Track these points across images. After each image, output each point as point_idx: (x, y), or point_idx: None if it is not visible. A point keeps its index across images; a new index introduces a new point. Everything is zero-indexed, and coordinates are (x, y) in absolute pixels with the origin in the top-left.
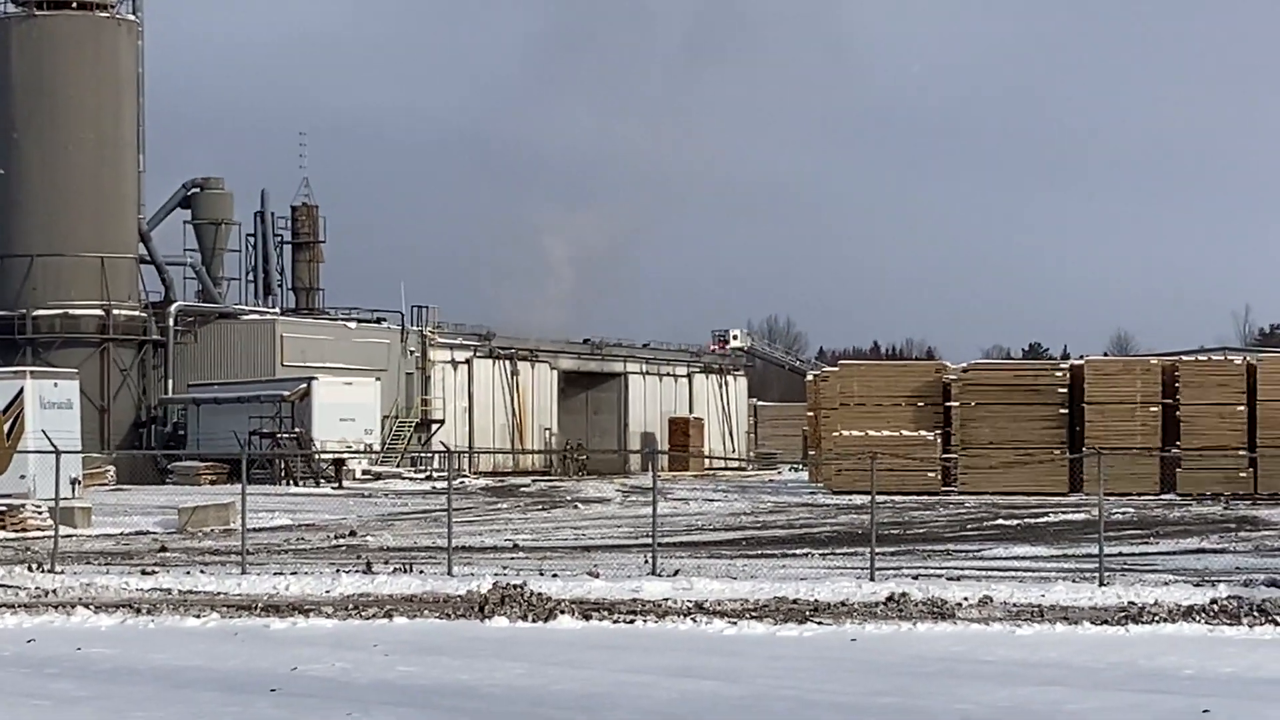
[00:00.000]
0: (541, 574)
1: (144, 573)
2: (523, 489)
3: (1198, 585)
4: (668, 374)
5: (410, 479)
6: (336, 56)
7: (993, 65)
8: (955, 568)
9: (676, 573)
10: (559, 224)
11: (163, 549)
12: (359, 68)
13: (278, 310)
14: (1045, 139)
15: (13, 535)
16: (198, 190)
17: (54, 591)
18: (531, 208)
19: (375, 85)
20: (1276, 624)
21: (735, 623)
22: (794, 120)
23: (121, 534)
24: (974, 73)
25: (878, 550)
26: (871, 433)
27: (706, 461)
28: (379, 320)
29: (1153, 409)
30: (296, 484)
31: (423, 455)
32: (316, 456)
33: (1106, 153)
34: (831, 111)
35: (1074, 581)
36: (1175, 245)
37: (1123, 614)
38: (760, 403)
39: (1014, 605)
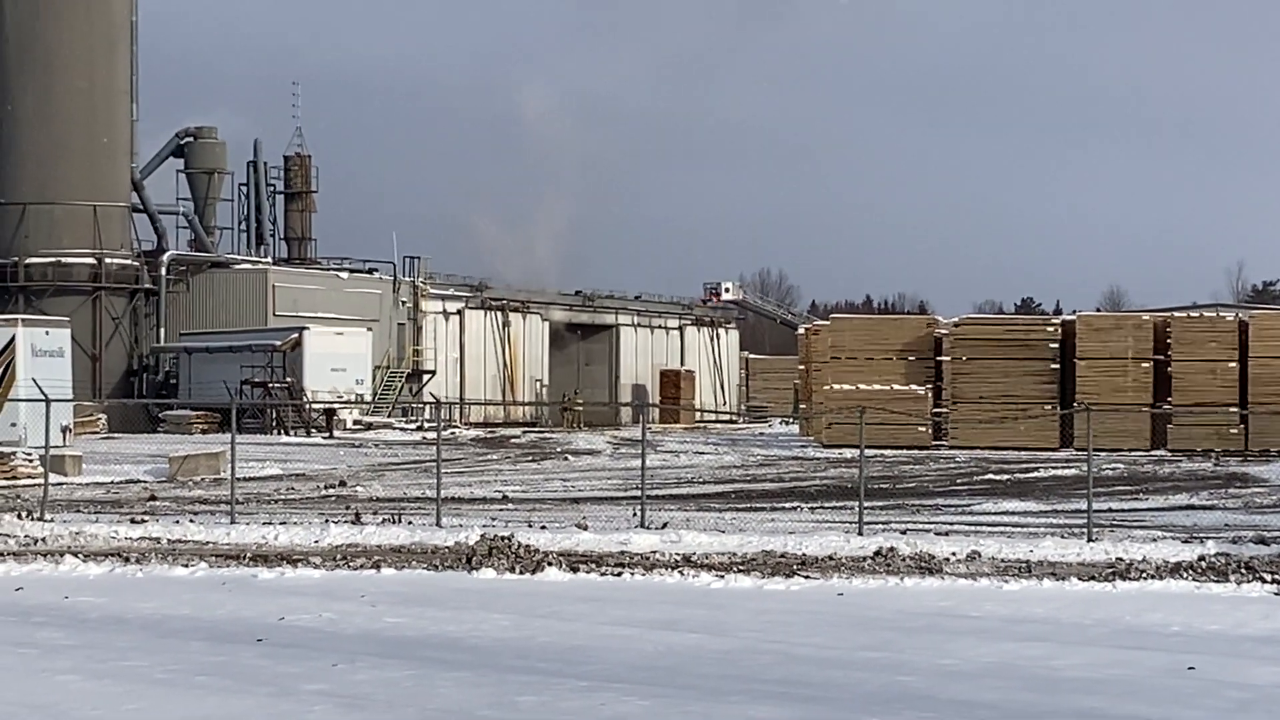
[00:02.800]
0: (530, 526)
1: (133, 521)
2: (513, 440)
3: (1186, 542)
4: (659, 326)
5: (401, 429)
6: (329, 5)
7: (986, 17)
8: (944, 523)
9: (665, 525)
10: (551, 175)
11: (152, 498)
12: (352, 17)
13: (270, 260)
14: (1040, 92)
15: (3, 483)
16: (191, 139)
17: (43, 540)
18: (523, 157)
19: (368, 35)
20: (1264, 581)
21: (722, 576)
22: (787, 71)
23: (112, 482)
24: (966, 24)
25: (867, 505)
26: (863, 386)
27: (697, 414)
28: (371, 271)
29: (1144, 365)
30: (287, 434)
31: (414, 406)
32: (307, 406)
33: (1101, 107)
34: (825, 62)
35: (1062, 537)
36: (1169, 201)
37: (1110, 570)
38: (752, 356)
39: (1002, 561)
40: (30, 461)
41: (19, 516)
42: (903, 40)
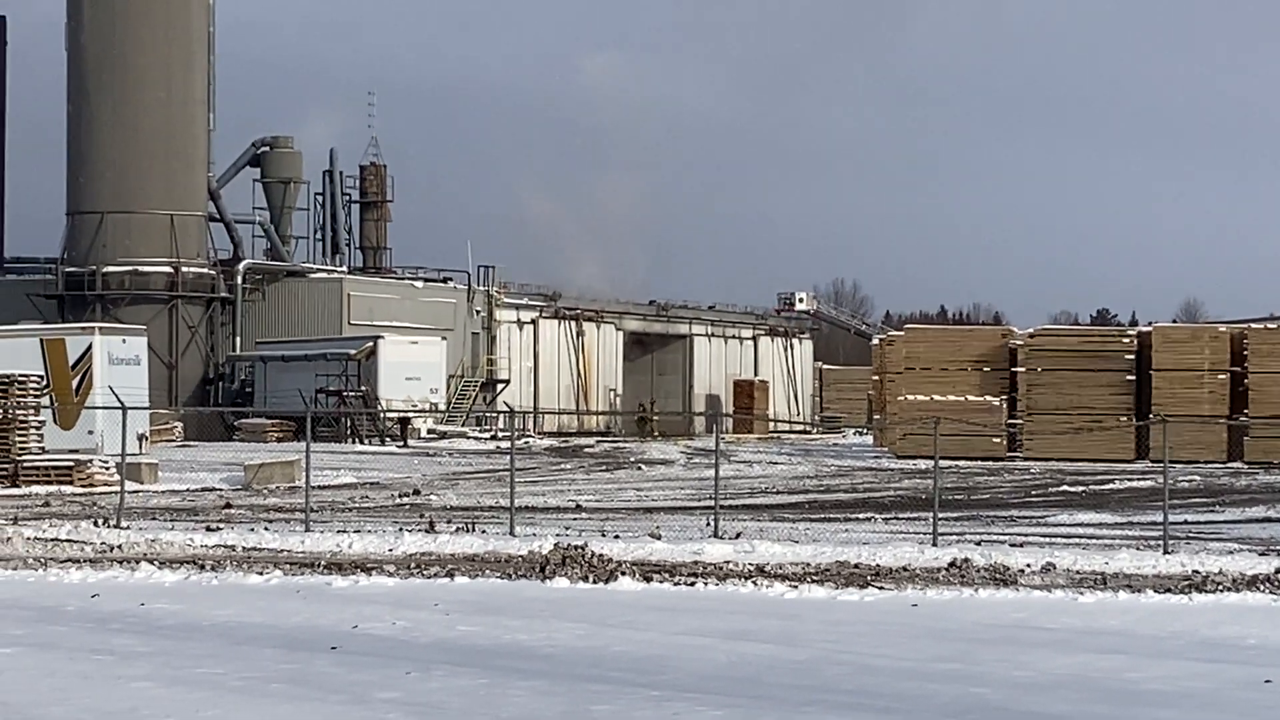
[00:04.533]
0: (603, 535)
1: (208, 529)
2: (587, 449)
3: (1263, 554)
4: (733, 336)
5: (475, 438)
6: (406, 15)
7: (1062, 28)
8: (1019, 534)
9: (738, 535)
10: (627, 183)
11: (228, 505)
12: (428, 24)
13: (345, 269)
14: (1118, 102)
15: (80, 490)
16: (267, 149)
17: (119, 547)
18: (600, 168)
19: (445, 42)
20: None
21: (796, 586)
22: (863, 81)
23: (187, 490)
24: (1043, 34)
25: (941, 516)
26: (937, 397)
27: (771, 424)
28: (445, 280)
29: (1220, 376)
30: (362, 442)
31: (487, 415)
32: (382, 415)
33: (1181, 118)
34: (900, 72)
35: (1138, 549)
36: (1246, 211)
37: (1186, 582)
38: (825, 366)
39: (1077, 572)
40: (107, 469)
41: (95, 524)
42: (979, 50)
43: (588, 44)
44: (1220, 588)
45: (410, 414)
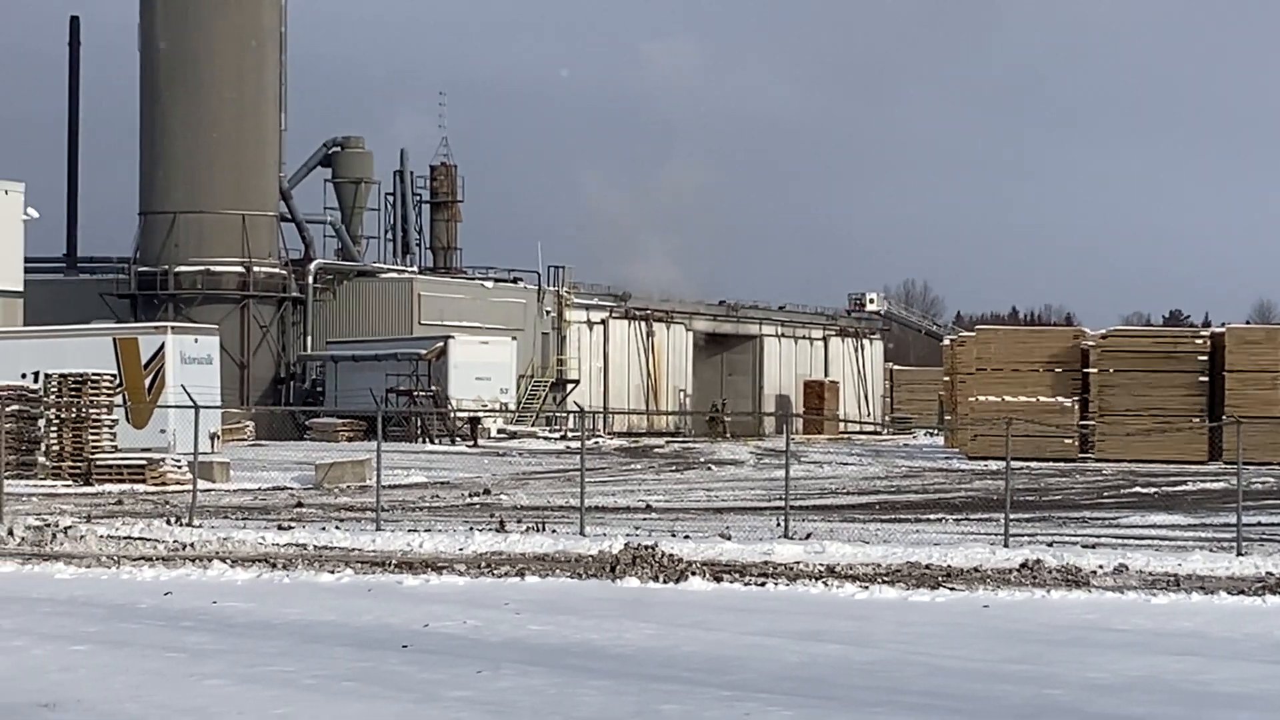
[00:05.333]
0: (673, 535)
1: (280, 528)
2: (656, 450)
3: None
4: (803, 337)
5: (545, 438)
6: (476, 15)
7: (1138, 26)
8: (1090, 535)
9: (809, 536)
10: (697, 185)
11: (299, 504)
12: (498, 24)
13: (415, 269)
14: (1190, 103)
15: (152, 489)
16: (338, 149)
17: (191, 545)
18: (670, 167)
19: (514, 42)
20: None
21: (867, 587)
22: (936, 82)
23: (259, 489)
24: (1117, 36)
25: (1012, 517)
26: (1008, 398)
27: (841, 425)
28: (515, 280)
29: None
30: (432, 442)
31: (557, 415)
32: (452, 415)
33: (1256, 118)
34: (973, 75)
35: (1211, 551)
36: None
37: (1260, 584)
38: (896, 367)
39: (1149, 574)
40: (179, 468)
41: (168, 522)
42: (1051, 51)
43: (658, 41)
44: None
45: (480, 414)
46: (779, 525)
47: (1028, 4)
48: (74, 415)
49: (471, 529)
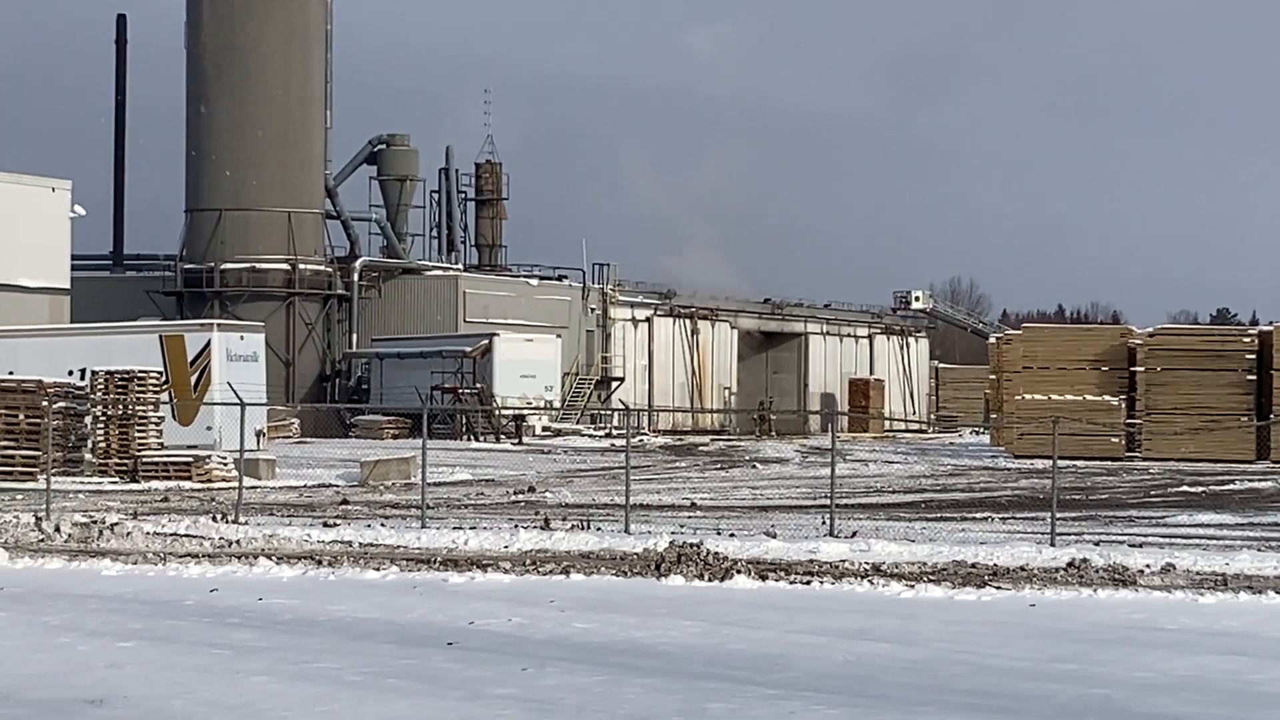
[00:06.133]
0: (719, 533)
1: (325, 525)
2: (701, 448)
3: None
4: (848, 335)
5: (590, 436)
6: (520, 13)
7: (1183, 24)
8: (1138, 534)
9: (854, 534)
10: (743, 183)
11: (344, 502)
12: (543, 21)
13: (461, 266)
14: (1237, 100)
15: (198, 486)
16: (383, 147)
17: (237, 542)
18: (716, 165)
19: (559, 39)
20: None
21: (912, 585)
22: (984, 79)
23: (304, 486)
24: (1164, 29)
25: (1059, 515)
26: (1055, 397)
27: (886, 423)
28: (560, 277)
29: None
30: (477, 439)
31: (602, 413)
32: (497, 412)
33: None
34: (1022, 72)
35: (1259, 550)
36: None
37: None
38: (942, 365)
39: (1197, 573)
40: (225, 465)
41: (214, 519)
42: (1101, 46)
43: (705, 36)
44: None
45: (525, 411)
46: (824, 523)
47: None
48: (120, 412)
49: (516, 526)
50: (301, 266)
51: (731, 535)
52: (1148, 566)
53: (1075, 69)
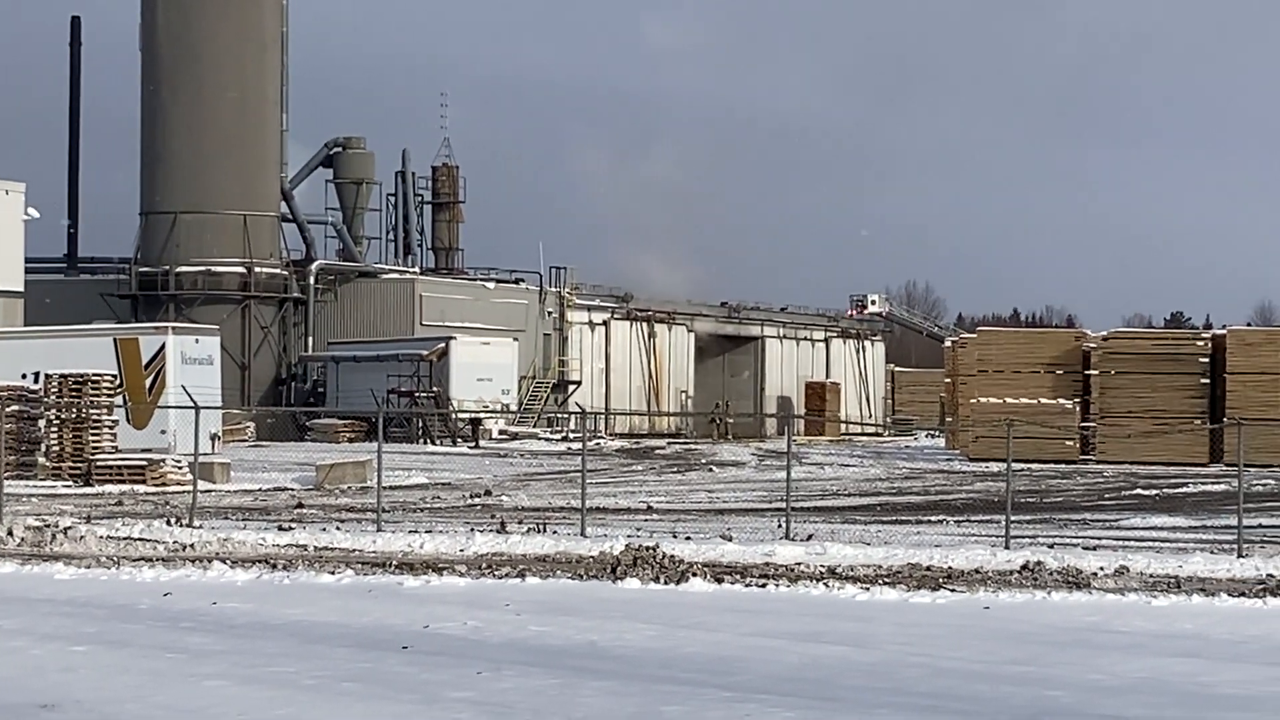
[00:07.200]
0: (674, 536)
1: (281, 528)
2: (658, 451)
3: None
4: (805, 338)
5: (546, 439)
6: (476, 15)
7: (1135, 31)
8: (1091, 537)
9: (810, 537)
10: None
11: (300, 505)
12: (501, 25)
13: (417, 270)
14: (1190, 105)
15: (153, 489)
16: (339, 150)
17: (191, 546)
18: (673, 169)
19: (517, 42)
20: None
21: (868, 588)
22: (937, 84)
23: (259, 490)
24: (1117, 36)
25: (1013, 518)
26: (1010, 400)
27: (843, 426)
28: (517, 281)
29: None
30: (433, 443)
31: (559, 416)
32: (453, 416)
33: (1252, 121)
34: (974, 77)
35: (1212, 553)
36: None
37: (1261, 586)
38: (898, 368)
39: (1150, 576)
40: (179, 468)
41: (168, 523)
42: (1053, 54)
43: (663, 41)
44: None
45: (482, 415)
46: (780, 526)
47: (1024, 7)
48: (74, 415)
49: (472, 530)
50: (257, 269)
51: (687, 538)
52: (1102, 569)
53: (1030, 76)
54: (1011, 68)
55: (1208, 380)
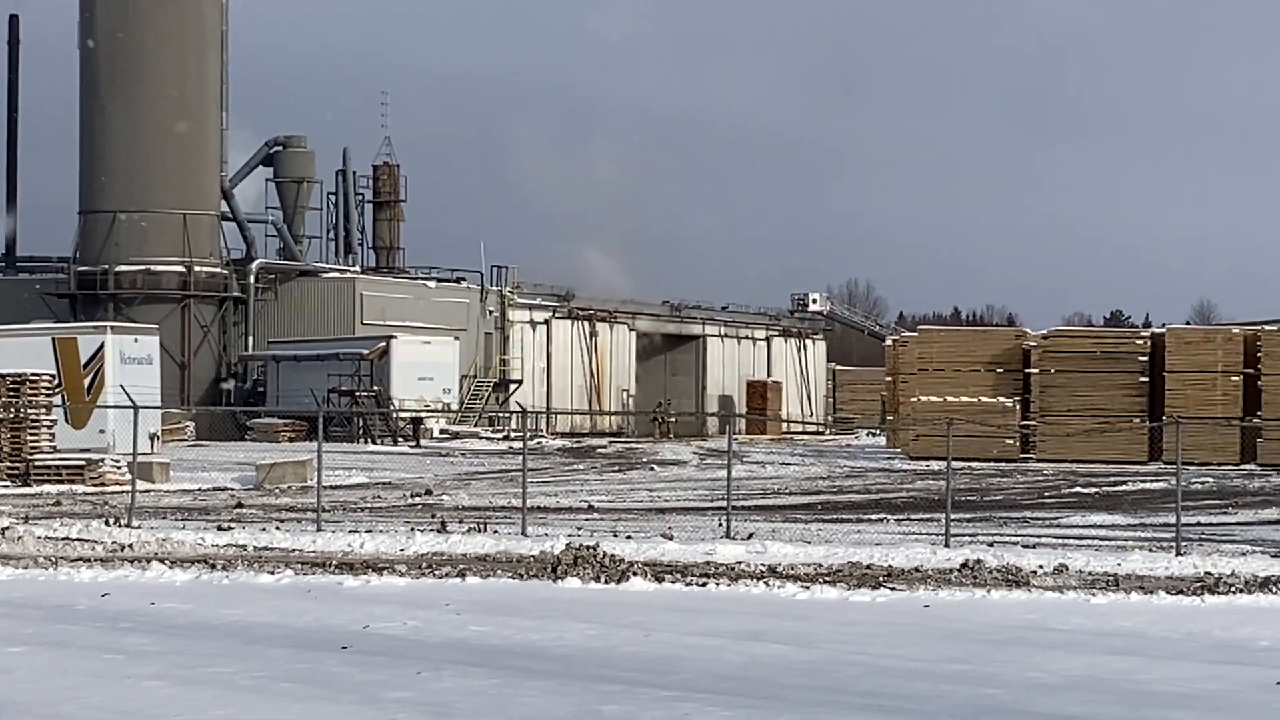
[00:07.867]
0: (615, 535)
1: (220, 528)
2: (599, 450)
3: (1275, 556)
4: (746, 337)
5: (487, 439)
6: (418, 13)
7: (1076, 31)
8: (1031, 535)
9: (750, 536)
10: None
11: (239, 505)
12: (442, 24)
13: (358, 269)
14: (1128, 104)
15: (91, 489)
16: (280, 148)
17: (130, 546)
18: (614, 168)
19: (457, 42)
20: None
21: (808, 587)
22: (878, 84)
23: (199, 490)
24: (1058, 36)
25: (953, 517)
26: (950, 398)
27: (784, 425)
28: (459, 280)
29: (1234, 378)
30: (374, 442)
31: (500, 415)
32: (394, 415)
33: (1193, 119)
34: (913, 77)
35: (1150, 551)
36: (1260, 213)
37: (1199, 584)
38: (839, 367)
39: (1089, 574)
40: (118, 468)
41: (106, 523)
42: (991, 54)
43: (606, 40)
44: (1233, 589)
45: (423, 414)
46: (721, 525)
47: (967, 9)
48: (12, 415)
49: (413, 529)
50: (197, 269)
51: (628, 537)
52: (1041, 567)
53: (972, 77)
54: (954, 69)
55: (1147, 379)
